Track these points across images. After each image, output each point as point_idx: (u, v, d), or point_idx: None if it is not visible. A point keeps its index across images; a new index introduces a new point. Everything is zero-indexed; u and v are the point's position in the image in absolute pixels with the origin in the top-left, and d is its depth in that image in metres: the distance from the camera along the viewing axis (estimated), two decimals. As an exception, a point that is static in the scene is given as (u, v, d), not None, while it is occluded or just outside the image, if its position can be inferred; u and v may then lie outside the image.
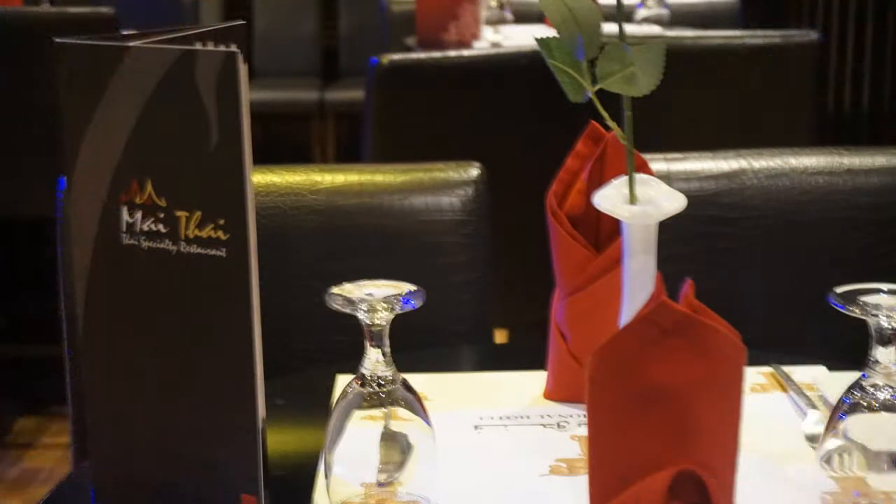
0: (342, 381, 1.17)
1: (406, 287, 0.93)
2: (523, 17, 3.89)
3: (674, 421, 0.80)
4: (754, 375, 1.20)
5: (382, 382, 0.92)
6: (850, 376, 0.92)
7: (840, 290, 0.90)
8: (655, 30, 3.66)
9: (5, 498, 2.80)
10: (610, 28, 0.88)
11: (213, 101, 0.87)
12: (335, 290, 0.92)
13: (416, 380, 0.97)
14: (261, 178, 1.50)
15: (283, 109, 4.99)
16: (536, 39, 0.92)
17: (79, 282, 0.94)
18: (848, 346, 1.05)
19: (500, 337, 2.53)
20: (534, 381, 1.20)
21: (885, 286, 0.90)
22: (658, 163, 1.53)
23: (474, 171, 1.53)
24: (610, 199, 0.92)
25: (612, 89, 0.89)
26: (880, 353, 0.89)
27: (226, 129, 0.87)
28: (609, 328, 0.85)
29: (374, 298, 0.91)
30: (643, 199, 0.91)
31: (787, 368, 1.21)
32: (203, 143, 0.88)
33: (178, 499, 0.94)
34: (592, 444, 0.83)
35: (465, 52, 2.82)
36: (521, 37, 3.53)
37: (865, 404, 0.89)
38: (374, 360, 0.92)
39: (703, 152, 1.58)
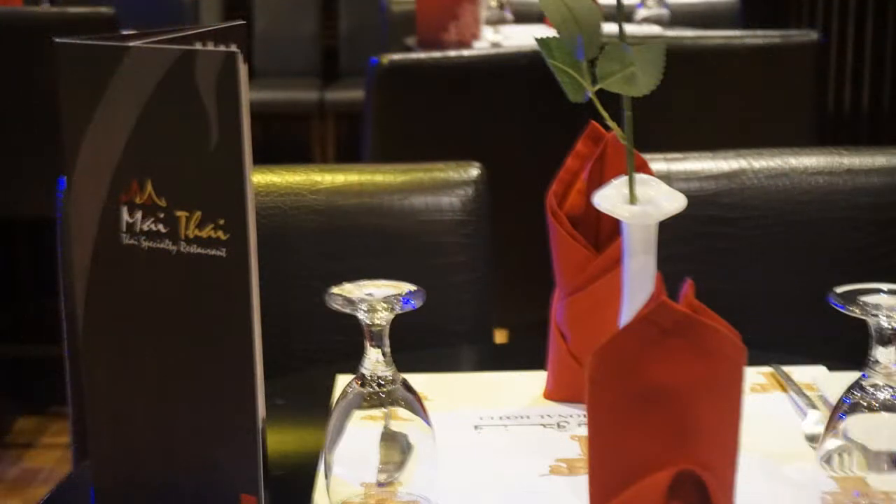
0: (342, 381, 1.17)
1: (406, 287, 0.93)
2: (523, 17, 3.89)
3: (674, 421, 0.80)
4: (754, 375, 1.20)
5: (382, 382, 0.92)
6: (850, 376, 0.92)
7: (840, 290, 0.90)
8: (655, 30, 3.66)
9: (5, 498, 2.80)
10: (610, 28, 0.88)
11: (213, 101, 0.87)
12: (335, 290, 0.92)
13: (416, 380, 0.97)
14: (261, 178, 1.50)
15: (283, 109, 4.99)
16: (536, 39, 0.92)
17: (79, 282, 0.94)
18: (848, 346, 1.05)
19: (500, 337, 2.53)
20: (534, 381, 1.20)
21: (885, 286, 0.90)
22: (658, 163, 1.53)
23: (474, 171, 1.53)
24: (610, 199, 0.92)
25: (612, 89, 0.89)
26: (880, 353, 0.89)
27: (226, 129, 0.87)
28: (609, 328, 0.85)
29: (374, 298, 0.91)
30: (643, 199, 0.91)
31: (787, 368, 1.21)
32: (203, 143, 0.88)
33: (178, 499, 0.94)
34: (592, 444, 0.83)
35: (465, 52, 2.82)
36: (521, 37, 3.53)
37: (865, 404, 0.89)
38: (374, 360, 0.92)
39: (703, 152, 1.58)
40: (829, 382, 1.16)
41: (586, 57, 0.90)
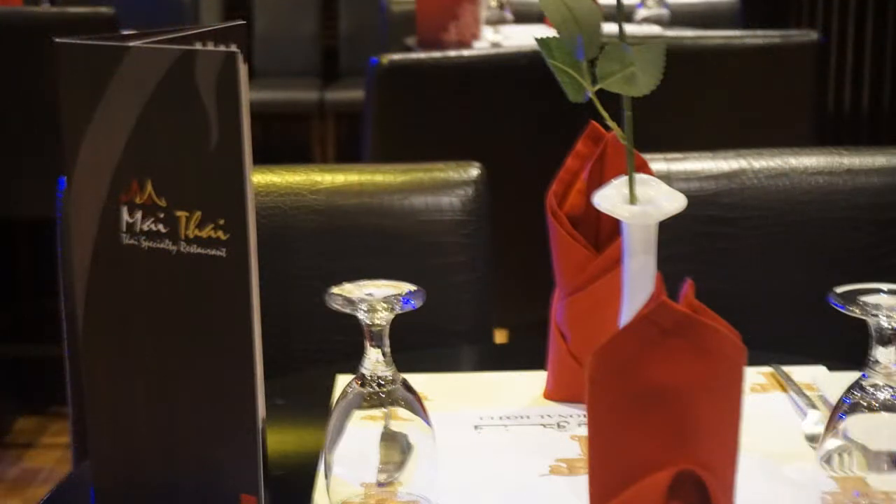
0: (342, 381, 1.17)
1: (406, 287, 0.93)
2: (523, 17, 3.89)
3: (674, 421, 0.80)
4: (754, 375, 1.20)
5: (382, 382, 0.92)
6: (850, 376, 0.92)
7: (840, 290, 0.90)
8: (655, 30, 3.66)
9: (5, 498, 2.80)
10: (610, 28, 0.88)
11: (213, 101, 0.87)
12: (335, 290, 0.92)
13: (416, 380, 0.97)
14: (261, 178, 1.50)
15: (283, 109, 4.99)
16: (536, 39, 0.92)
17: (79, 282, 0.94)
18: (848, 346, 1.05)
19: (500, 337, 2.53)
20: (534, 381, 1.20)
21: (885, 286, 0.90)
22: (658, 163, 1.53)
23: (474, 171, 1.53)
24: (610, 199, 0.92)
25: (612, 89, 0.89)
26: (880, 353, 0.89)
27: (226, 129, 0.87)
28: (609, 328, 0.85)
29: (374, 298, 0.91)
30: (643, 199, 0.91)
31: (787, 368, 1.21)
32: (203, 143, 0.88)
33: (178, 499, 0.94)
34: (592, 444, 0.83)
35: (465, 52, 2.82)
36: (521, 37, 3.53)
37: (865, 404, 0.89)
38: (374, 360, 0.92)
39: (703, 152, 1.58)
40: (829, 382, 1.16)
41: (586, 57, 0.90)
